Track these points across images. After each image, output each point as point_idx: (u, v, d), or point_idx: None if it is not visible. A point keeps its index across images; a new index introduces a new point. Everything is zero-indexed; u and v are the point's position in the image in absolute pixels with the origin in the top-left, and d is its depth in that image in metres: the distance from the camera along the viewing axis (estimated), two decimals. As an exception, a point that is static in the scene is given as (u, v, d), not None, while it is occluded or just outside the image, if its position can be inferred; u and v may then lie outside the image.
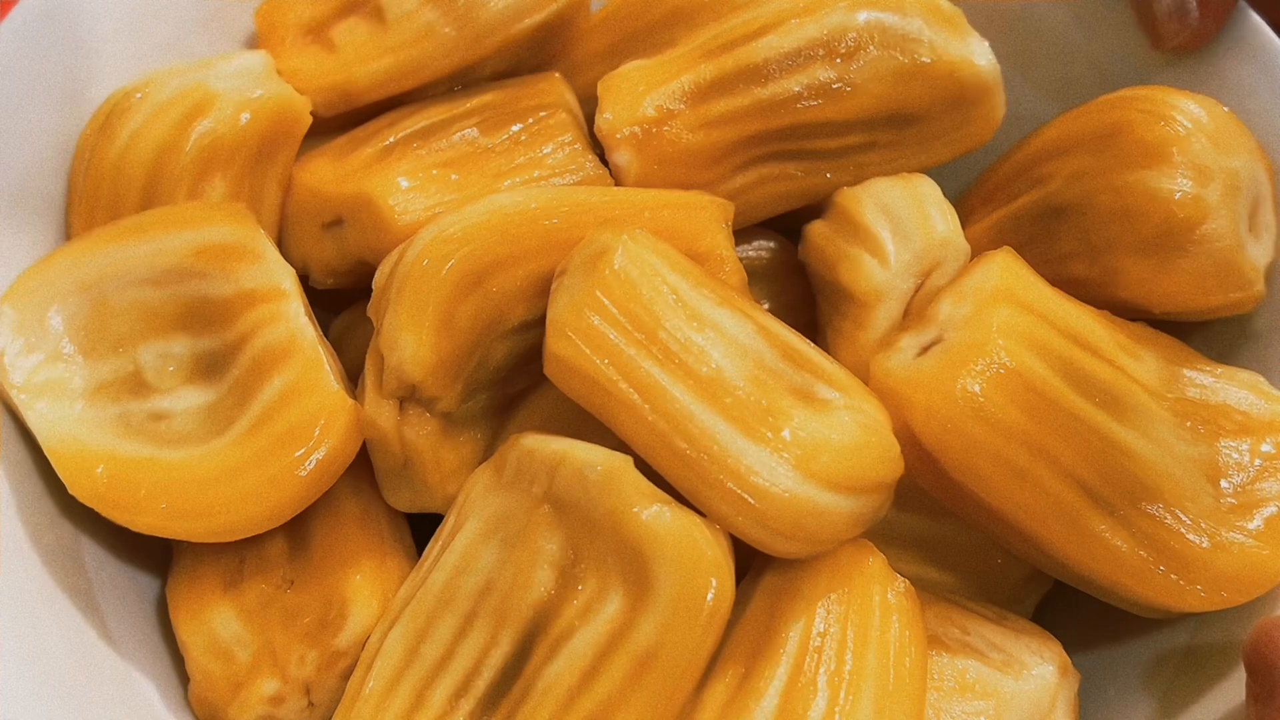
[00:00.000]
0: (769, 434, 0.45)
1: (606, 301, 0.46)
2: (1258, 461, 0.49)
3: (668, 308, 0.46)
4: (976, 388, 0.46)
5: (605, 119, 0.56)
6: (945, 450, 0.47)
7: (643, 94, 0.56)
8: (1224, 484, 0.48)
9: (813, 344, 0.50)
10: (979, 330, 0.47)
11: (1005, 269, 0.50)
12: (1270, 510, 0.48)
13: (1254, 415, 0.50)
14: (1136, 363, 0.50)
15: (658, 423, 0.45)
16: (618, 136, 0.56)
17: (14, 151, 0.54)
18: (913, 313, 0.53)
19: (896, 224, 0.54)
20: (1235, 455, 0.49)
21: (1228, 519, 0.48)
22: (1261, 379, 0.52)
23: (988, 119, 0.58)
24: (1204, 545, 0.47)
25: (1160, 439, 0.48)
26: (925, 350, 0.49)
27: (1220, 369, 0.52)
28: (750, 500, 0.44)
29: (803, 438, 0.45)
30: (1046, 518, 0.47)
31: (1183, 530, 0.47)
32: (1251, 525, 0.48)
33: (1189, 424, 0.49)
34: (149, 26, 0.58)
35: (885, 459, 0.46)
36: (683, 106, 0.56)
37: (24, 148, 0.55)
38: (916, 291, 0.54)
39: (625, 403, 0.45)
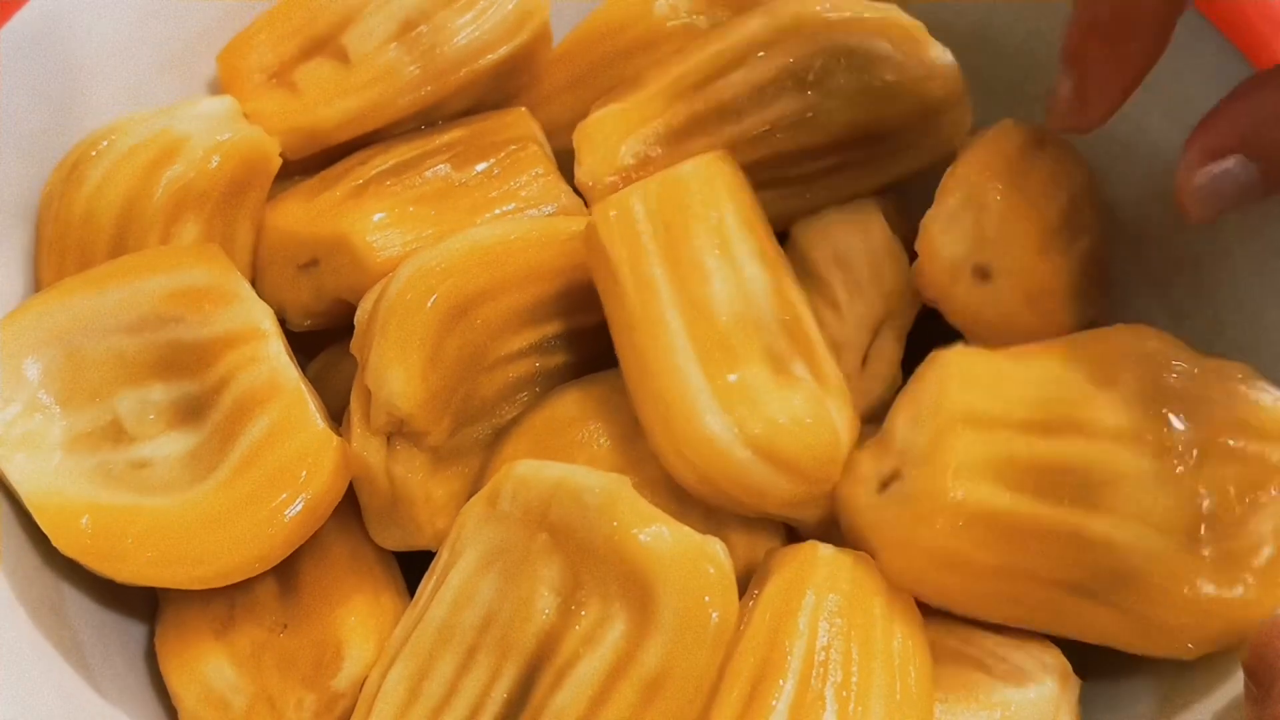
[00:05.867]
0: (717, 370, 0.47)
1: (655, 195, 0.50)
2: (1245, 497, 0.47)
3: (704, 228, 0.50)
4: (941, 541, 0.46)
5: (585, 170, 0.56)
6: (918, 593, 0.48)
7: (618, 142, 0.56)
8: (1207, 531, 0.46)
9: (824, 340, 0.51)
10: (936, 472, 0.46)
11: (960, 372, 0.48)
12: (1264, 555, 0.46)
13: (1245, 436, 0.47)
14: (1109, 409, 0.47)
15: (635, 318, 0.48)
16: (599, 187, 0.56)
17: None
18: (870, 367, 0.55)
19: (849, 273, 0.55)
20: (1219, 490, 0.46)
21: (1215, 574, 0.46)
22: (1253, 374, 0.49)
23: (956, 125, 0.58)
24: (1191, 612, 0.46)
25: (1139, 506, 0.46)
26: (886, 485, 0.48)
27: (1208, 362, 0.49)
28: (671, 415, 0.47)
29: (744, 390, 0.47)
30: (1029, 619, 0.48)
31: (1168, 603, 0.46)
32: (1240, 575, 0.46)
33: (1172, 462, 0.47)
34: (111, 74, 0.58)
35: (814, 453, 0.48)
36: (659, 150, 0.56)
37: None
38: (873, 341, 0.55)
39: (621, 288, 0.49)
